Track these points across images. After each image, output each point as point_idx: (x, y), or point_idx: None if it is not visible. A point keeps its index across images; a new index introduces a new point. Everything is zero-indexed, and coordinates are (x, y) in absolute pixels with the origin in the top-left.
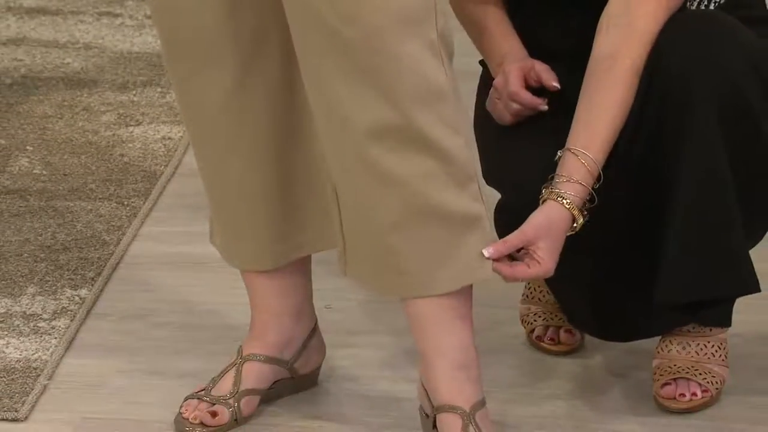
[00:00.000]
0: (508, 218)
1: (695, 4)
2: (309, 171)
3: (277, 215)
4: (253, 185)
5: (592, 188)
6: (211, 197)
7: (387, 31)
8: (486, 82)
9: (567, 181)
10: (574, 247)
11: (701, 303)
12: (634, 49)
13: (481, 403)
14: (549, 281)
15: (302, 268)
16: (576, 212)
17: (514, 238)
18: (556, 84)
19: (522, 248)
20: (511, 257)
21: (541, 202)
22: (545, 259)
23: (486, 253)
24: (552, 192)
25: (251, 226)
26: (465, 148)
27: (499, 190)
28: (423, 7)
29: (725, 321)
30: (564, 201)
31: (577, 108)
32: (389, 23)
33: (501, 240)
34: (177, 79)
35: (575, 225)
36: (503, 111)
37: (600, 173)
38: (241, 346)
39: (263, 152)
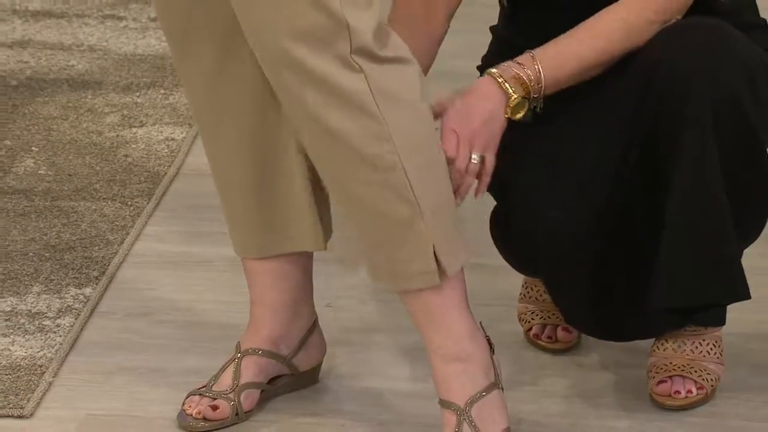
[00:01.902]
0: (502, 225)
1: None
2: (285, 171)
3: (258, 206)
4: (237, 173)
5: (535, 96)
6: (214, 181)
7: (284, 46)
8: None
9: (508, 65)
10: (572, 248)
11: (694, 308)
12: (629, 6)
13: (482, 394)
14: (546, 282)
15: (299, 261)
16: (502, 81)
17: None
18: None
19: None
20: None
21: None
22: (448, 113)
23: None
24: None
25: (238, 213)
26: (392, 155)
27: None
28: (324, 28)
29: (719, 320)
30: (494, 74)
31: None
32: (284, 38)
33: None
34: (176, 65)
35: (512, 100)
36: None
37: (543, 89)
38: (239, 342)
39: (244, 142)
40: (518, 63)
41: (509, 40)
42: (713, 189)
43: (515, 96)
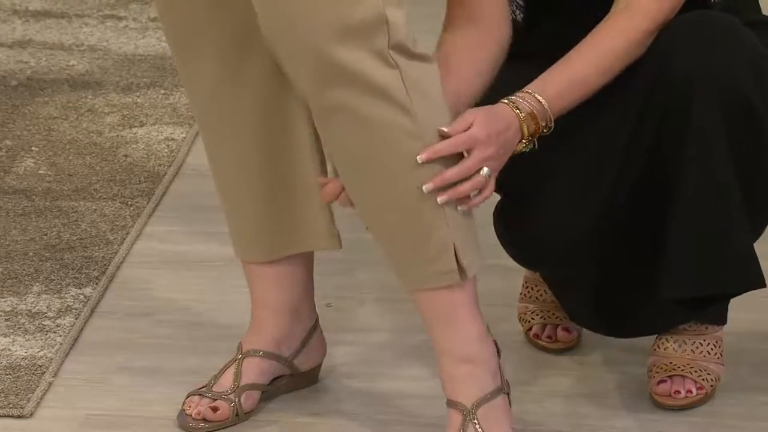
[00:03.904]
0: (506, 221)
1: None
2: (299, 170)
3: (267, 210)
4: (242, 177)
5: (545, 131)
6: (215, 184)
7: (319, 43)
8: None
9: (523, 97)
10: (577, 246)
11: (706, 300)
12: (624, 19)
13: (489, 396)
14: (550, 278)
15: (302, 262)
16: (521, 121)
17: (452, 127)
18: None
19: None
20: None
21: None
22: (478, 126)
23: (419, 159)
24: (506, 99)
25: (243, 216)
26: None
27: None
28: (365, 23)
29: (722, 319)
30: (512, 105)
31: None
32: (320, 36)
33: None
34: (178, 67)
35: (523, 141)
36: None
37: (551, 120)
38: (240, 343)
39: (251, 145)
40: (534, 98)
41: (521, 44)
42: (723, 181)
43: (525, 142)
